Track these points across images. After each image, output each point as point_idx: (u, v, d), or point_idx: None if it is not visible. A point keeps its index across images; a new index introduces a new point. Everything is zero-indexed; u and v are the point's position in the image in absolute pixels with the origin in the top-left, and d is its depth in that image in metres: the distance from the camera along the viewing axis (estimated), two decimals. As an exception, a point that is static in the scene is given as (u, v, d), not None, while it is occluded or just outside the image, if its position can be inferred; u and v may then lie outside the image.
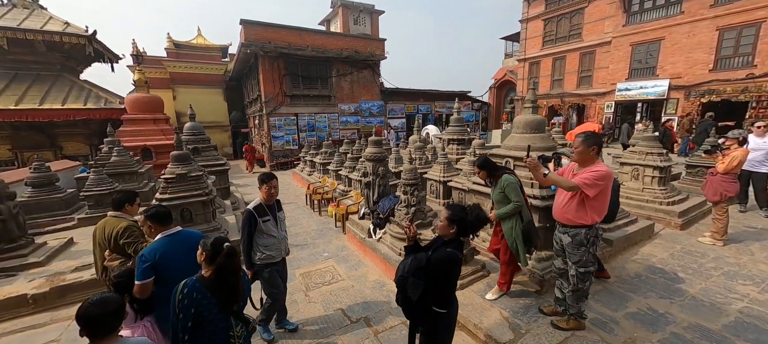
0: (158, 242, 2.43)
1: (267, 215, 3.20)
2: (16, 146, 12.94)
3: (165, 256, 2.36)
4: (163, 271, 2.33)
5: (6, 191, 5.05)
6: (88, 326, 1.53)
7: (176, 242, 2.48)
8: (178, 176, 5.16)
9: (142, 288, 2.29)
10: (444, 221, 2.29)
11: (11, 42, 12.12)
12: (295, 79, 16.02)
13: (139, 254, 2.54)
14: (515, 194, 3.28)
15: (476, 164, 3.56)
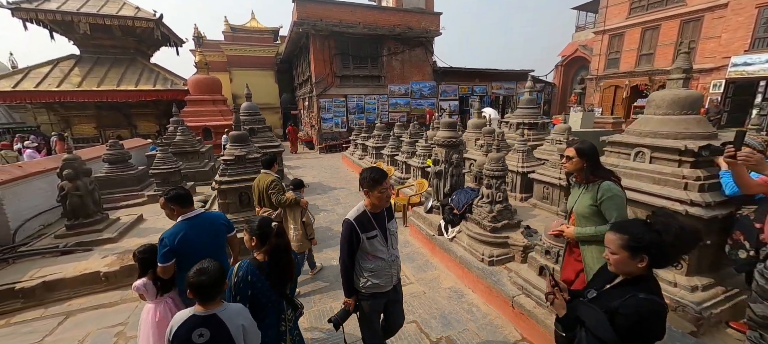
0: (179, 225, 2.39)
1: (374, 229, 2.21)
2: (100, 124, 14.30)
3: (185, 240, 2.32)
4: (183, 254, 2.30)
5: (83, 168, 5.18)
6: (196, 292, 1.65)
7: (196, 225, 2.43)
8: (236, 158, 4.86)
9: (163, 270, 2.32)
10: (619, 251, 1.44)
11: (93, 27, 13.15)
12: (345, 59, 15.50)
13: (279, 201, 3.71)
14: (618, 213, 2.12)
15: (577, 149, 2.28)
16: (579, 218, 2.29)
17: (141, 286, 2.36)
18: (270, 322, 1.98)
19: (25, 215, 5.55)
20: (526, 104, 9.11)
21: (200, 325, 1.62)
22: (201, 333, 1.60)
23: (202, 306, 1.67)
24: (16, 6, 12.06)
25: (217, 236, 2.56)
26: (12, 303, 3.90)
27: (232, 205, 4.86)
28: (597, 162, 2.28)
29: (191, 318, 1.64)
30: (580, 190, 2.32)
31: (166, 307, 2.41)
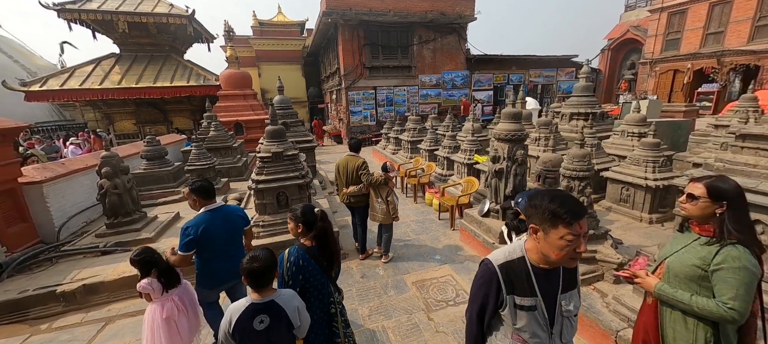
0: (201, 216, 2.47)
1: (532, 295, 1.29)
2: (139, 121, 14.76)
3: (207, 231, 2.41)
4: (204, 245, 2.40)
5: (120, 165, 5.04)
6: (251, 278, 1.68)
7: (218, 217, 2.51)
8: (273, 154, 4.49)
9: (182, 259, 2.40)
10: None
11: (130, 26, 13.46)
12: (375, 50, 14.94)
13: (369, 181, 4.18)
14: (738, 296, 1.38)
15: (712, 187, 1.48)
16: (672, 274, 1.59)
17: (147, 285, 2.35)
18: (319, 305, 2.00)
19: (69, 212, 5.56)
20: (581, 92, 8.16)
21: (261, 312, 1.66)
22: (261, 320, 1.65)
23: (258, 294, 1.71)
24: (61, 7, 12.54)
25: (236, 228, 2.65)
26: (54, 306, 3.78)
27: (270, 206, 4.52)
28: (743, 213, 1.48)
29: (250, 307, 1.66)
30: (690, 240, 1.58)
31: (173, 304, 2.41)
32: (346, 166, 4.35)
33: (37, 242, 4.91)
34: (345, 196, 4.37)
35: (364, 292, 3.88)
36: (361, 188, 4.25)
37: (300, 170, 4.64)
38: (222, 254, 2.55)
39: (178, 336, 2.41)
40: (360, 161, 4.28)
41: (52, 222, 5.16)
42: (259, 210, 4.56)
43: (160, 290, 2.38)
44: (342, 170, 4.40)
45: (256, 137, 12.82)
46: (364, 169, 4.24)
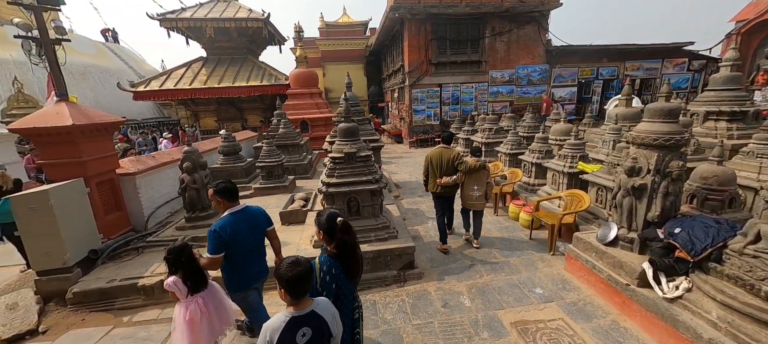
0: (227, 218, 2.47)
1: None
2: (219, 118, 16.13)
3: (235, 232, 2.41)
4: (233, 246, 2.40)
5: (199, 161, 5.10)
6: (293, 286, 1.55)
7: (242, 218, 2.51)
8: (346, 155, 4.02)
9: (213, 262, 2.40)
10: None
11: (216, 31, 14.71)
12: (442, 44, 14.03)
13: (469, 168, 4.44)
14: None
15: None
16: None
17: (172, 284, 2.31)
18: (346, 312, 1.95)
19: (157, 202, 5.89)
20: (724, 84, 6.30)
21: (302, 324, 1.57)
22: (304, 333, 1.56)
23: (295, 305, 1.59)
24: (162, 17, 14.21)
25: (260, 229, 2.63)
26: (136, 298, 3.83)
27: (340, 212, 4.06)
28: None
29: (291, 321, 1.55)
30: None
31: (197, 306, 2.37)
32: (439, 157, 4.52)
33: (129, 230, 5.22)
34: (438, 186, 4.52)
35: (448, 328, 3.17)
36: (456, 179, 4.44)
37: (373, 173, 4.11)
38: (249, 255, 2.56)
39: (198, 339, 2.37)
40: (454, 153, 4.50)
41: (142, 212, 5.48)
42: (328, 216, 4.15)
43: (185, 292, 2.35)
44: (435, 162, 4.53)
45: (320, 134, 12.96)
46: (460, 159, 4.44)
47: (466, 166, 4.40)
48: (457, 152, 4.55)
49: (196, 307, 2.38)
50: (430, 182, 4.62)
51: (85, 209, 4.32)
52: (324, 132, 13.03)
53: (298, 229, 5.06)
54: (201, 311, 2.39)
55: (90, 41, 23.04)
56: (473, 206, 4.59)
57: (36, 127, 4.24)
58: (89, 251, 4.25)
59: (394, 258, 3.99)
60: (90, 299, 3.77)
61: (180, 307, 2.38)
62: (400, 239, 4.14)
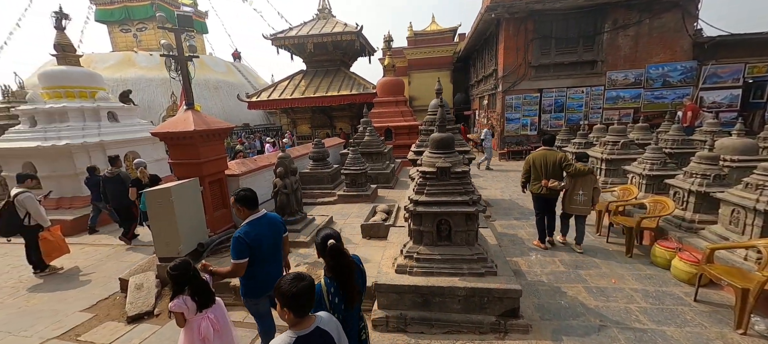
0: (249, 224, 2.49)
1: None
2: (312, 125, 17.54)
3: (258, 237, 2.44)
4: (256, 251, 2.41)
5: (291, 166, 5.25)
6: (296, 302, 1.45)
7: (265, 223, 2.55)
8: (439, 171, 3.45)
9: (239, 267, 2.37)
10: None
11: (315, 46, 16.06)
12: (545, 44, 12.28)
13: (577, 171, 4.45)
14: None
15: None
16: None
17: (180, 304, 2.19)
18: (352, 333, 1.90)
19: (254, 202, 6.36)
20: None
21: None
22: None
23: (298, 324, 1.48)
24: (274, 37, 16.22)
25: (279, 235, 2.70)
26: (226, 296, 4.00)
27: (428, 235, 3.51)
28: None
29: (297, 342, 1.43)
30: None
31: (209, 323, 2.28)
32: (543, 159, 4.56)
33: (230, 226, 5.70)
34: (541, 187, 4.51)
35: None
36: (564, 185, 4.45)
37: (470, 193, 3.43)
38: (269, 259, 2.59)
39: None
40: (560, 155, 4.52)
41: (242, 210, 5.94)
42: (414, 238, 3.63)
43: (194, 309, 2.24)
44: (539, 163, 4.58)
45: (403, 143, 12.73)
46: (568, 161, 4.45)
47: (573, 168, 4.39)
48: (563, 154, 4.53)
49: (208, 324, 2.26)
50: (533, 183, 4.70)
51: (198, 206, 4.80)
52: (408, 141, 12.75)
53: (379, 245, 4.70)
54: (213, 327, 2.28)
55: (223, 62, 28.24)
56: (577, 211, 4.56)
57: (168, 131, 4.92)
58: (198, 244, 4.68)
59: (492, 300, 3.22)
60: (193, 290, 4.08)
61: (189, 328, 2.24)
62: (501, 277, 3.34)
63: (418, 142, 6.77)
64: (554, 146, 4.80)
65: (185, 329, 2.29)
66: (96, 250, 6.01)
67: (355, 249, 4.67)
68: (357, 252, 4.52)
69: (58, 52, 8.44)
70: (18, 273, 5.16)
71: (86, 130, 7.99)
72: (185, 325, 2.28)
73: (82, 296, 4.37)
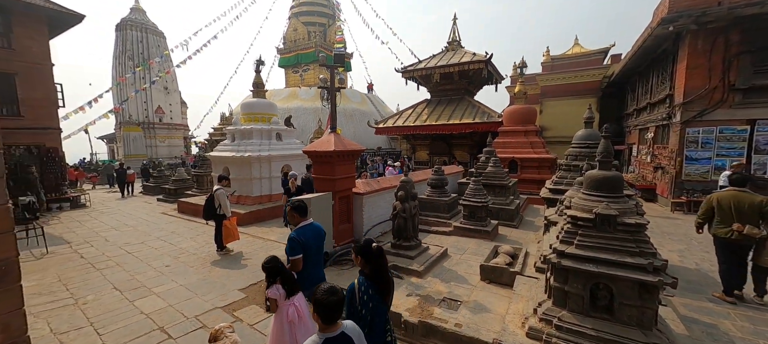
0: (299, 230, 3.06)
1: None
2: (431, 152, 17.75)
3: (306, 241, 3.00)
4: (306, 250, 2.98)
5: (412, 191, 5.26)
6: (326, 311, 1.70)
7: (309, 230, 3.09)
8: (598, 218, 2.68)
9: (296, 263, 2.93)
10: None
11: (441, 76, 16.47)
12: (762, 59, 8.75)
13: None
14: None
15: None
16: None
17: (275, 291, 2.60)
18: (378, 331, 2.14)
19: (373, 221, 6.68)
20: None
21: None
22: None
23: (326, 329, 1.73)
24: (404, 69, 17.58)
25: (321, 242, 3.23)
26: (342, 309, 4.17)
27: (576, 299, 2.73)
28: None
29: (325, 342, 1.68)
30: None
31: (294, 309, 2.62)
32: (733, 200, 4.12)
33: (351, 240, 6.11)
34: (731, 232, 4.06)
35: None
36: (763, 233, 3.90)
37: (648, 255, 2.50)
38: (313, 262, 3.07)
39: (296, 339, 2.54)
40: (760, 198, 4.03)
41: (362, 227, 6.32)
42: (555, 297, 2.89)
43: (284, 296, 2.62)
44: (727, 205, 4.16)
45: (531, 177, 11.25)
46: None
47: None
48: (765, 198, 4.01)
49: (294, 310, 2.61)
50: (719, 226, 4.20)
51: (328, 217, 5.35)
52: (536, 175, 11.20)
53: (502, 294, 4.04)
54: (298, 313, 2.61)
55: (359, 93, 32.58)
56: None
57: (314, 150, 5.76)
58: (324, 252, 5.17)
59: None
60: (316, 295, 4.46)
61: (279, 313, 2.62)
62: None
63: (557, 178, 5.74)
64: (746, 188, 4.16)
65: (276, 314, 2.66)
66: (255, 240, 7.49)
67: (472, 292, 4.16)
68: (474, 296, 4.01)
69: (254, 88, 11.44)
70: (209, 248, 6.90)
71: (261, 145, 10.38)
72: (276, 311, 2.64)
73: (241, 277, 5.42)
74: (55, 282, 5.30)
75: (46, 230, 8.13)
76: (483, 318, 3.51)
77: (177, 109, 31.09)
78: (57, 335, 3.82)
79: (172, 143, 29.85)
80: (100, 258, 6.52)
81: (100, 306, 4.53)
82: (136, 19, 28.03)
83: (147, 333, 3.83)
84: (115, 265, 6.06)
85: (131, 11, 28.30)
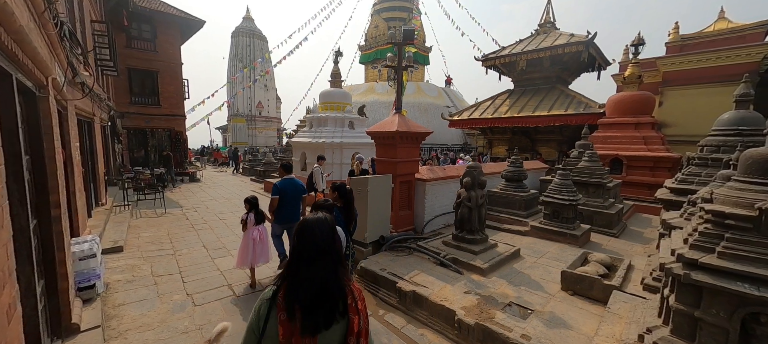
0: (281, 181, 4.38)
1: None
2: (511, 147, 16.02)
3: (285, 187, 4.29)
4: (283, 195, 4.27)
5: (480, 178, 4.63)
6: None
7: (288, 182, 4.37)
8: (765, 216, 1.75)
9: (272, 201, 4.27)
10: None
11: (528, 63, 14.67)
12: None
13: None
14: None
15: None
16: None
17: (249, 217, 4.13)
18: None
19: (436, 211, 6.21)
20: None
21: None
22: None
23: None
24: (485, 58, 16.26)
25: (298, 192, 4.44)
26: (392, 296, 3.88)
27: (712, 332, 1.86)
28: None
29: None
30: None
31: (259, 233, 4.12)
32: None
33: (410, 228, 5.78)
34: None
35: None
36: None
37: None
38: (289, 203, 4.36)
39: (255, 253, 4.07)
40: None
41: (423, 216, 5.92)
42: (676, 325, 2.03)
43: (253, 222, 4.11)
44: None
45: (640, 180, 9.09)
46: None
47: None
48: None
49: (258, 233, 4.10)
50: None
51: (387, 201, 5.12)
52: (650, 178, 8.99)
53: (591, 310, 3.18)
54: (260, 237, 4.12)
55: (435, 87, 31.76)
56: None
57: (376, 131, 5.59)
58: (380, 235, 4.96)
59: None
60: (367, 278, 4.28)
61: (248, 233, 4.08)
62: None
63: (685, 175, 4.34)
64: None
65: (245, 233, 4.11)
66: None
67: (548, 302, 3.38)
68: (550, 307, 3.25)
69: (331, 78, 12.02)
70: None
71: (335, 132, 10.83)
72: (246, 231, 4.11)
73: None
74: (164, 236, 6.38)
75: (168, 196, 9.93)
76: (560, 334, 2.77)
77: (273, 104, 35.41)
78: (154, 276, 4.51)
79: (268, 134, 34.17)
80: (199, 221, 7.64)
81: (190, 259, 5.23)
82: (246, 27, 32.82)
83: (218, 287, 4.22)
84: (208, 228, 7.00)
85: (243, 20, 33.21)
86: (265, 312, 1.13)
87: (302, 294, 1.10)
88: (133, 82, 13.37)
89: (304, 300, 1.09)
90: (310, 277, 1.12)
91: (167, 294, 4.02)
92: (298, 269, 1.14)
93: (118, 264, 4.85)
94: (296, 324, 1.08)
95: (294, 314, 1.08)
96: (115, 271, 4.61)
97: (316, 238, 1.16)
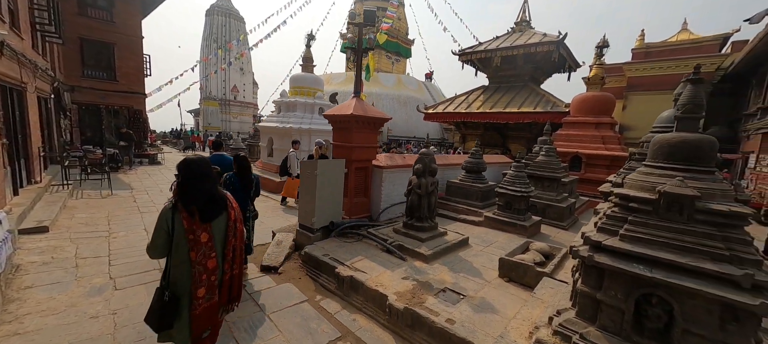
0: (212, 156, 4.62)
1: None
2: (482, 143, 16.26)
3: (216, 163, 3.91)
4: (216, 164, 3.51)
5: (431, 166, 4.57)
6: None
7: (216, 156, 4.65)
8: (664, 198, 1.76)
9: None
10: None
11: (502, 60, 14.85)
12: None
13: None
14: None
15: None
16: None
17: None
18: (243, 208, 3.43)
19: (393, 199, 6.13)
20: None
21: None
22: None
23: None
24: (461, 52, 16.31)
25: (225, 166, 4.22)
26: (331, 281, 3.77)
27: (610, 313, 1.88)
28: None
29: None
30: None
31: None
32: None
33: (365, 216, 5.67)
34: None
35: None
36: None
37: (741, 262, 1.53)
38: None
39: None
40: None
41: (379, 204, 5.82)
42: (581, 307, 2.04)
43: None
44: None
45: (597, 177, 9.43)
46: None
47: None
48: None
49: None
50: None
51: (338, 186, 4.97)
52: (605, 175, 9.33)
53: (521, 296, 3.20)
54: None
55: (416, 80, 31.69)
56: None
57: (332, 114, 5.41)
58: (330, 221, 4.82)
59: None
60: (310, 263, 4.14)
61: None
62: None
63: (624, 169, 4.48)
64: None
65: None
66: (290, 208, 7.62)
67: (482, 288, 3.38)
68: (483, 293, 3.24)
69: (303, 62, 11.63)
70: (278, 201, 7.75)
71: (303, 118, 10.50)
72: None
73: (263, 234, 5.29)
74: (103, 218, 5.94)
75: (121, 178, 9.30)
76: (485, 319, 2.76)
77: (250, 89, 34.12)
78: (78, 258, 4.16)
79: (243, 119, 32.93)
80: (148, 203, 7.19)
81: (126, 242, 4.88)
82: (222, 5, 31.21)
83: (146, 271, 3.95)
84: (156, 211, 6.59)
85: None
86: (170, 216, 1.76)
87: (198, 200, 1.78)
88: (85, 53, 12.34)
89: (200, 203, 1.78)
90: (201, 189, 1.81)
91: (87, 277, 3.71)
92: (186, 187, 1.78)
93: (39, 245, 4.44)
94: (196, 218, 1.75)
95: (193, 213, 1.75)
96: (33, 252, 4.21)
97: (195, 167, 1.82)
